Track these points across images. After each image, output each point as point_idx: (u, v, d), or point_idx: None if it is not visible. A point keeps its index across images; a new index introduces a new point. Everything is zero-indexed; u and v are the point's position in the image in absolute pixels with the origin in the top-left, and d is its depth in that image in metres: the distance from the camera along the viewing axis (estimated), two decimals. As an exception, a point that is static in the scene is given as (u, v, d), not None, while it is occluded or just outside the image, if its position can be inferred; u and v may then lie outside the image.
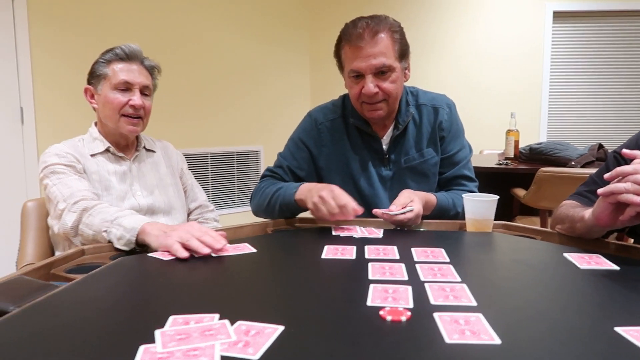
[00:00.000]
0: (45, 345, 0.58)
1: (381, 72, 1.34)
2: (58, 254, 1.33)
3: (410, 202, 1.24)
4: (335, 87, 1.83)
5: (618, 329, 0.62)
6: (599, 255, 0.98)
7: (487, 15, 4.41)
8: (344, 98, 1.53)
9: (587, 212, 1.04)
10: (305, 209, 1.36)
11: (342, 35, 1.38)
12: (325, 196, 1.20)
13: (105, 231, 1.13)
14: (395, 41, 1.35)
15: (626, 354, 0.56)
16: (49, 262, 0.96)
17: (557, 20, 4.35)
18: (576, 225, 1.09)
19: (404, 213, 1.22)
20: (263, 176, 1.54)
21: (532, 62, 4.38)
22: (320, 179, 1.51)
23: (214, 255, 0.99)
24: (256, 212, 1.50)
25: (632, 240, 1.26)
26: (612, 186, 0.90)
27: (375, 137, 1.47)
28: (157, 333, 0.60)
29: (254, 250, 1.04)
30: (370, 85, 1.33)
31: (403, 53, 1.38)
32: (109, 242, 1.13)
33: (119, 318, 0.67)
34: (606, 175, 0.93)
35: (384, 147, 1.48)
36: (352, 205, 1.19)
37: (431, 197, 1.37)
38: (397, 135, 1.46)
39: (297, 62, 4.65)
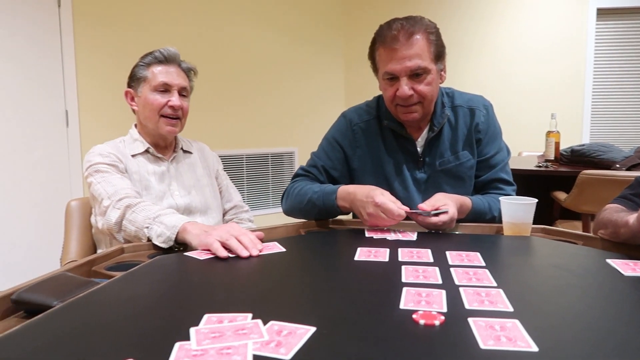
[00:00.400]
0: (85, 339, 0.60)
1: (416, 75, 1.32)
2: (100, 251, 1.38)
3: (443, 205, 1.22)
4: (369, 89, 1.82)
5: (665, 340, 0.59)
6: (645, 262, 0.94)
7: (527, 13, 4.29)
8: (378, 99, 1.52)
9: (632, 217, 0.99)
10: (346, 213, 1.37)
11: (377, 37, 1.36)
12: (374, 213, 1.20)
13: (147, 227, 1.17)
14: (431, 42, 1.32)
15: (673, 366, 0.53)
16: (91, 260, 1.00)
17: (600, 18, 4.20)
18: (620, 230, 1.05)
19: (437, 215, 1.20)
20: (296, 175, 1.54)
21: (574, 61, 4.24)
22: (352, 180, 1.50)
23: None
24: (289, 212, 1.50)
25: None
26: (660, 190, 0.86)
27: (410, 139, 1.45)
28: (192, 331, 0.61)
29: (283, 249, 1.05)
30: (405, 88, 1.31)
31: (439, 55, 1.35)
32: (149, 239, 1.16)
33: (156, 315, 0.69)
34: None
35: (419, 149, 1.45)
36: (403, 213, 1.18)
37: (466, 201, 1.34)
38: (432, 138, 1.44)
39: (331, 63, 4.65)
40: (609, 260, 0.95)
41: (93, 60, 3.29)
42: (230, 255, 1.00)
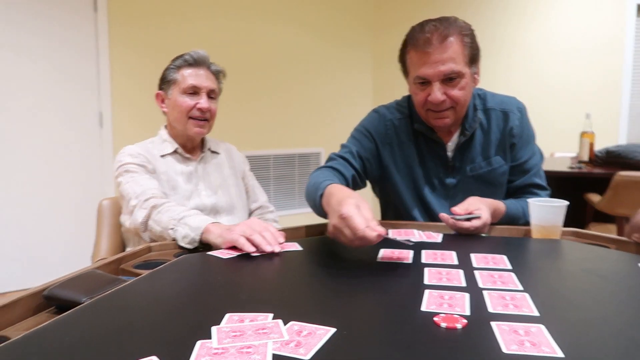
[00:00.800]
0: (110, 335, 0.62)
1: (449, 79, 1.26)
2: (128, 249, 1.41)
3: (476, 210, 1.18)
4: (398, 88, 1.78)
5: (699, 349, 0.57)
6: (682, 268, 0.90)
7: (561, 10, 4.17)
8: (408, 99, 1.46)
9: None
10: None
11: (408, 39, 1.30)
12: (338, 226, 0.97)
13: (172, 229, 1.19)
14: (465, 45, 1.26)
15: None
16: (119, 258, 1.02)
17: (640, 14, 4.05)
18: (656, 234, 1.01)
19: (469, 220, 1.17)
20: (329, 159, 1.43)
21: (612, 59, 4.09)
22: (382, 178, 1.46)
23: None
24: (306, 199, 1.37)
25: None
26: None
27: (440, 143, 1.40)
28: (214, 329, 0.62)
29: (300, 248, 1.07)
30: (438, 93, 1.26)
31: (473, 58, 1.29)
32: (174, 239, 1.18)
33: (179, 313, 0.70)
34: None
35: (449, 154, 1.41)
36: (372, 235, 0.92)
37: (500, 205, 1.31)
38: (463, 142, 1.39)
39: (359, 60, 4.61)
40: (642, 265, 0.92)
41: (127, 64, 3.38)
42: (256, 254, 1.01)
